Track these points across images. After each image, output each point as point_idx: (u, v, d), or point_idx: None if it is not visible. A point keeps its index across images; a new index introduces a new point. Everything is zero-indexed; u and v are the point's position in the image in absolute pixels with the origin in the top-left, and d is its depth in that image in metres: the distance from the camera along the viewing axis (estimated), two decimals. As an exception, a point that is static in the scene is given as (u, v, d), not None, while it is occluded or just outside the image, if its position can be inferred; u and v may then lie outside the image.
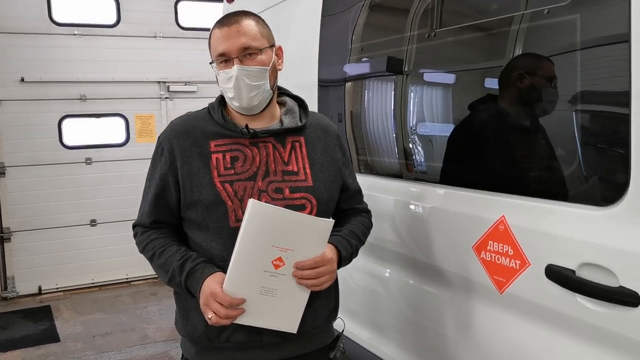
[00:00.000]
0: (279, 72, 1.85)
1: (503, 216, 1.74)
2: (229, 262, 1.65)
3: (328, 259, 1.70)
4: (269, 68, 1.75)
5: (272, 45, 1.80)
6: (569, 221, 1.55)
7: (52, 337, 5.15)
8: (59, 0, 6.28)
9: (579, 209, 1.54)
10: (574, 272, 1.52)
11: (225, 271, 1.66)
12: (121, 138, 6.70)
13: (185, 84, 6.88)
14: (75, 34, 6.35)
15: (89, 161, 6.52)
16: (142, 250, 1.86)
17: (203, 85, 6.91)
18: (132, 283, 6.73)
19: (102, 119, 6.59)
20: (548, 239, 1.61)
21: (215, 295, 1.62)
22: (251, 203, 1.61)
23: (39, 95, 6.24)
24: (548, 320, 1.63)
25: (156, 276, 6.20)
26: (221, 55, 1.73)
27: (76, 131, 6.47)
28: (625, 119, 1.40)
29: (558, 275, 1.55)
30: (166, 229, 1.85)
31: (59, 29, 6.30)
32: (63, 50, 6.31)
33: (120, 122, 6.68)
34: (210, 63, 1.80)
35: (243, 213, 1.68)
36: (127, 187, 6.63)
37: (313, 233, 1.67)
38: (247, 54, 1.72)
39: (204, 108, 1.89)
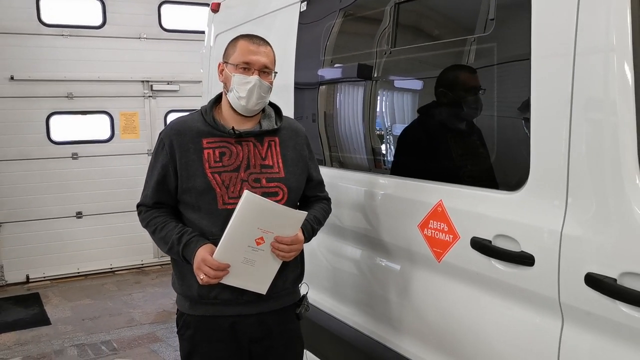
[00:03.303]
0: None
1: (441, 200, 2.17)
2: (218, 236, 2.09)
3: (300, 240, 2.17)
4: (272, 87, 2.20)
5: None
6: (487, 203, 1.99)
7: (43, 320, 5.49)
8: (47, 2, 6.59)
9: (495, 194, 1.97)
10: (490, 241, 1.95)
11: (214, 244, 2.10)
12: (106, 134, 7.04)
13: (168, 83, 7.23)
14: (62, 35, 6.67)
15: (75, 156, 6.84)
16: (145, 225, 2.27)
17: (184, 84, 7.29)
18: (116, 272, 7.07)
19: (88, 116, 6.93)
20: (473, 217, 2.04)
21: (205, 261, 2.04)
22: (246, 193, 2.03)
23: (27, 93, 6.54)
24: (473, 281, 2.06)
25: (139, 266, 6.64)
26: (246, 63, 2.14)
27: (63, 127, 6.80)
28: (527, 123, 1.83)
29: (479, 244, 1.99)
30: (165, 208, 2.25)
31: (47, 29, 6.61)
32: (51, 50, 6.63)
33: (105, 119, 7.01)
34: (228, 64, 2.18)
35: (229, 198, 2.14)
36: (112, 181, 6.99)
37: (289, 221, 2.12)
38: (264, 71, 2.16)
39: (197, 111, 2.28)
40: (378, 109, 2.64)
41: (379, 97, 2.64)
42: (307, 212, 2.16)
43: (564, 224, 1.73)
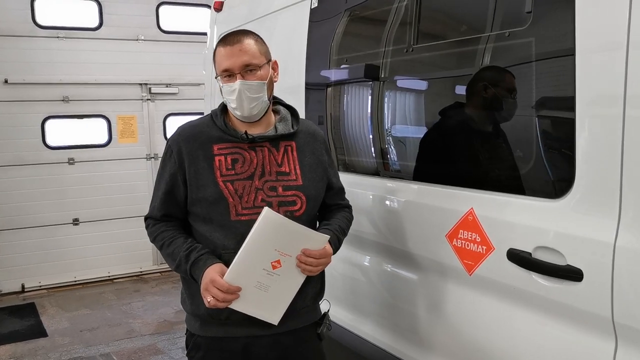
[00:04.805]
0: (274, 83, 2.09)
1: (472, 208, 2.01)
2: (231, 250, 1.92)
3: (329, 253, 1.99)
4: (266, 82, 2.00)
5: (269, 61, 2.05)
6: (526, 211, 1.83)
7: (39, 332, 5.29)
8: (42, 4, 6.41)
9: (534, 201, 1.81)
10: (530, 254, 1.79)
11: (225, 258, 1.93)
12: (103, 139, 6.85)
13: (167, 86, 7.05)
14: (58, 37, 6.49)
15: (71, 161, 6.66)
16: (153, 240, 2.10)
17: (184, 87, 7.11)
18: (115, 280, 6.87)
19: (84, 119, 6.74)
20: (509, 227, 1.88)
21: (214, 282, 1.86)
22: (265, 211, 1.85)
23: (22, 97, 6.36)
24: (509, 296, 1.90)
25: (138, 274, 6.46)
26: (225, 70, 1.97)
27: (59, 132, 6.61)
28: (571, 124, 1.67)
29: (517, 257, 1.83)
30: (174, 221, 2.08)
31: (42, 31, 6.43)
32: (46, 53, 6.44)
33: (102, 123, 6.82)
34: (215, 77, 2.04)
35: (243, 208, 1.96)
36: (110, 187, 6.80)
37: (310, 244, 1.93)
38: (248, 70, 1.96)
39: (207, 115, 2.12)
40: (400, 110, 2.47)
41: (400, 98, 2.48)
42: (328, 235, 1.98)
43: (618, 235, 1.57)
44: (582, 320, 1.68)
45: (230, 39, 1.99)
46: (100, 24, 6.72)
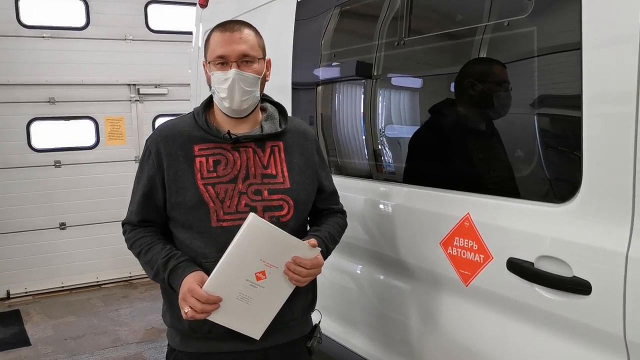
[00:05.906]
0: (266, 82, 1.96)
1: (468, 214, 1.86)
2: (212, 259, 1.77)
3: (320, 263, 1.83)
4: (261, 77, 1.87)
5: (264, 57, 1.92)
6: (527, 217, 1.68)
7: (22, 341, 5.12)
8: (27, 3, 6.23)
9: (537, 206, 1.67)
10: (532, 264, 1.64)
11: (206, 267, 1.78)
12: (91, 141, 6.67)
13: (156, 87, 6.89)
14: (43, 37, 6.31)
15: (58, 164, 6.48)
16: (130, 247, 1.96)
17: (173, 87, 6.94)
18: (103, 286, 6.70)
19: (71, 121, 6.56)
20: (509, 234, 1.73)
21: (192, 292, 1.71)
22: (251, 217, 1.70)
23: (6, 98, 6.17)
24: (509, 309, 1.75)
25: (126, 279, 6.21)
26: (220, 57, 1.83)
27: (45, 134, 6.42)
28: (578, 122, 1.53)
29: (518, 267, 1.68)
30: (153, 227, 1.94)
31: (27, 31, 6.25)
32: (31, 53, 6.26)
33: (89, 124, 6.65)
34: (207, 62, 1.89)
35: (225, 214, 1.81)
36: (97, 190, 6.63)
37: (299, 255, 1.77)
38: (244, 60, 1.83)
39: (189, 113, 1.97)
40: (391, 108, 2.33)
41: (391, 95, 2.33)
42: (319, 248, 1.82)
43: (631, 244, 1.42)
44: (590, 338, 1.54)
45: (230, 26, 1.86)
46: (87, 24, 6.54)
